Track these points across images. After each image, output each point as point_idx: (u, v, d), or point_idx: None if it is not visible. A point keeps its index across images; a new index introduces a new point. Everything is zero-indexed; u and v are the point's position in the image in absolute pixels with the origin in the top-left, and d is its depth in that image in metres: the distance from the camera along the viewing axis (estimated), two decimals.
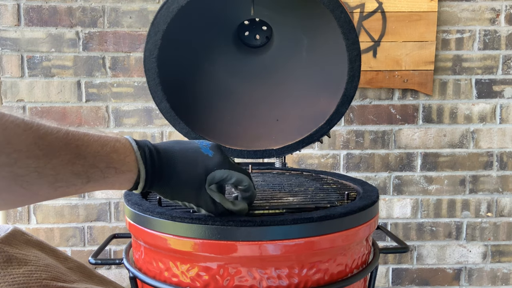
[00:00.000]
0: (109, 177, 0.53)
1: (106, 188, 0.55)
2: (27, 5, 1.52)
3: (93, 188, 0.52)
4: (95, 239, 1.62)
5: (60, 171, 0.46)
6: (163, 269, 0.67)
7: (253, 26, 1.06)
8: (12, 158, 0.41)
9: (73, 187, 0.48)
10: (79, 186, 0.49)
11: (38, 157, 0.43)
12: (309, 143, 0.97)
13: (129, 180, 0.57)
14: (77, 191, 0.50)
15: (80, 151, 0.48)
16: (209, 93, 1.05)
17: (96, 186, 0.52)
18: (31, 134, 0.43)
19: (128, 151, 0.56)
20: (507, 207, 1.67)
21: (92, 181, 0.50)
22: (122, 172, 0.55)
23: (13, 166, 0.41)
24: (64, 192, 0.48)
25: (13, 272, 0.74)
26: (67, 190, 0.48)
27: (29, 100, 1.55)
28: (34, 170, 0.43)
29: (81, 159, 0.48)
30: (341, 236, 0.64)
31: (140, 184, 0.58)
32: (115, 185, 0.55)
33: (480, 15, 1.58)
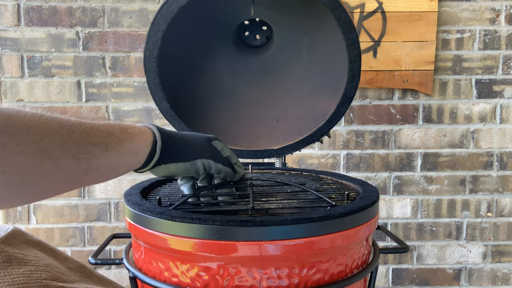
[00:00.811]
0: (125, 142, 0.57)
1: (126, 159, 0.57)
2: (27, 5, 1.52)
3: (113, 159, 0.55)
4: (95, 239, 1.62)
5: (80, 142, 0.50)
6: (163, 269, 0.67)
7: (253, 26, 1.06)
8: (39, 135, 0.46)
9: (94, 158, 0.52)
10: (99, 155, 0.52)
11: (60, 133, 0.48)
12: (309, 143, 0.97)
13: (145, 141, 0.60)
14: (98, 165, 0.53)
15: (95, 125, 0.54)
16: (209, 93, 1.05)
17: (115, 156, 0.55)
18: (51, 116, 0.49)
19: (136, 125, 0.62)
20: (507, 207, 1.67)
21: (110, 149, 0.54)
22: (136, 135, 0.59)
23: (40, 142, 0.46)
24: (88, 164, 0.51)
25: (13, 272, 0.74)
26: (89, 162, 0.51)
27: (29, 100, 1.56)
28: (59, 145, 0.48)
29: (97, 130, 0.53)
30: (341, 236, 0.64)
31: (158, 144, 0.62)
32: (133, 150, 0.58)
33: (480, 15, 1.58)
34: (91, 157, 0.52)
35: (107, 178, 0.58)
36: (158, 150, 0.62)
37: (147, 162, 0.62)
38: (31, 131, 0.45)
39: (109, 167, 0.55)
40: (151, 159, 0.62)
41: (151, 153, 0.62)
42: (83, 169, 0.51)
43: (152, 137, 0.62)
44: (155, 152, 0.62)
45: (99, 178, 0.56)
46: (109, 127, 0.56)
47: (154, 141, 0.62)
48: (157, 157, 0.63)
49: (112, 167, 0.56)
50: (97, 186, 1.60)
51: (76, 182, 0.53)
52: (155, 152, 0.62)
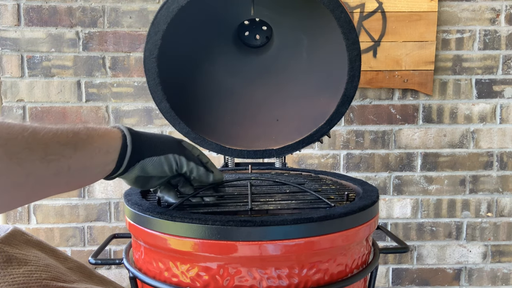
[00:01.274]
0: (94, 139, 0.55)
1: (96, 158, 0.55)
2: (27, 5, 1.52)
3: (83, 159, 0.53)
4: (95, 239, 1.62)
5: (47, 144, 0.49)
6: (163, 269, 0.67)
7: (253, 26, 1.06)
8: (3, 139, 0.45)
9: (63, 159, 0.50)
10: (68, 155, 0.51)
11: (25, 137, 0.47)
12: (309, 143, 0.97)
13: (114, 138, 0.59)
14: (69, 166, 0.51)
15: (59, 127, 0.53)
16: (209, 93, 1.05)
17: (85, 156, 0.54)
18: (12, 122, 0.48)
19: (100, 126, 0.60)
20: (507, 207, 1.67)
21: (79, 149, 0.53)
22: (104, 133, 0.58)
23: (5, 146, 0.45)
24: (58, 166, 0.50)
25: (13, 272, 0.74)
26: (59, 164, 0.50)
27: (29, 100, 1.56)
28: (24, 147, 0.47)
29: (63, 131, 0.52)
30: (341, 236, 0.64)
31: (127, 138, 0.60)
32: (103, 148, 0.57)
33: (480, 15, 1.58)
34: (60, 158, 0.50)
35: (81, 182, 0.56)
36: (129, 143, 0.60)
37: (120, 161, 0.60)
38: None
39: (80, 168, 0.53)
40: (124, 156, 0.60)
41: (123, 148, 0.60)
42: (53, 171, 0.50)
43: (120, 133, 0.61)
44: (127, 147, 0.60)
45: (72, 182, 0.54)
46: (75, 128, 0.54)
47: (123, 135, 0.60)
48: (130, 153, 0.60)
49: (84, 168, 0.54)
50: (97, 186, 1.60)
51: (48, 187, 0.51)
52: (126, 147, 0.60)
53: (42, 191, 0.51)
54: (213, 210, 0.70)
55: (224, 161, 1.15)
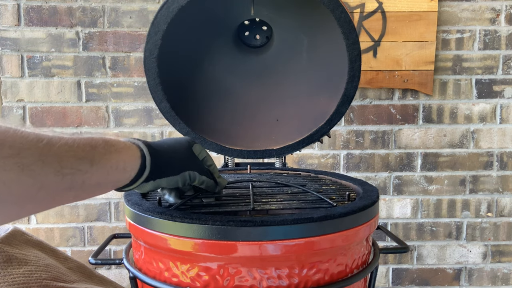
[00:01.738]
0: (112, 155, 0.53)
1: (113, 174, 0.53)
2: (27, 5, 1.52)
3: (99, 175, 0.51)
4: (95, 239, 1.62)
5: (62, 157, 0.47)
6: (163, 269, 0.67)
7: (253, 26, 1.06)
8: (15, 148, 0.42)
9: (79, 173, 0.48)
10: (84, 170, 0.49)
11: (39, 148, 0.45)
12: (309, 143, 0.97)
13: (133, 156, 0.57)
14: (83, 181, 0.49)
15: (76, 139, 0.50)
16: (209, 93, 1.05)
17: (101, 171, 0.51)
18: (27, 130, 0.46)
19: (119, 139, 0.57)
20: (507, 207, 1.67)
21: (95, 164, 0.50)
22: (123, 149, 0.55)
23: (17, 156, 0.42)
24: (71, 182, 0.48)
25: (13, 272, 0.74)
26: (74, 178, 0.48)
27: (29, 100, 1.56)
28: (38, 159, 0.44)
29: (79, 144, 0.49)
30: (341, 236, 0.64)
31: (147, 158, 0.58)
32: (120, 165, 0.54)
33: (480, 15, 1.58)
34: (75, 172, 0.48)
35: (89, 196, 0.53)
36: (148, 165, 0.58)
37: (136, 179, 0.58)
38: (7, 145, 0.42)
39: (94, 184, 0.51)
40: (140, 175, 0.58)
41: (141, 168, 0.58)
42: (67, 185, 0.47)
43: (139, 151, 0.58)
44: (145, 167, 0.58)
45: (81, 196, 0.52)
46: (92, 140, 0.51)
47: (142, 155, 0.58)
48: (148, 173, 0.59)
49: (98, 184, 0.52)
50: None
51: (57, 200, 0.49)
52: (145, 167, 0.58)
53: (52, 204, 0.49)
54: (214, 210, 0.70)
55: (224, 161, 1.15)
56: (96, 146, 0.51)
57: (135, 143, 0.59)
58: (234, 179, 0.90)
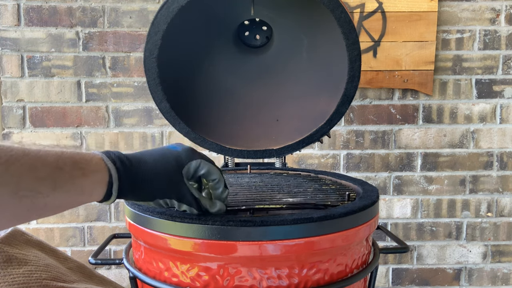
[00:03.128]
0: (77, 179, 0.49)
1: (77, 198, 0.50)
2: (27, 5, 1.52)
3: (62, 199, 0.48)
4: (95, 239, 1.62)
5: (21, 176, 0.43)
6: (163, 269, 0.67)
7: (253, 26, 1.06)
8: None
9: (39, 196, 0.44)
10: (45, 193, 0.45)
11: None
12: (309, 143, 0.97)
13: (100, 182, 0.52)
14: (45, 203, 0.45)
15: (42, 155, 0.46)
16: (209, 93, 1.05)
17: (65, 196, 0.48)
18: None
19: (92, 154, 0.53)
20: (507, 207, 1.67)
21: (59, 187, 0.46)
22: (91, 172, 0.51)
23: None
24: (31, 204, 0.44)
25: (13, 272, 0.74)
26: (34, 200, 0.44)
27: (29, 100, 1.56)
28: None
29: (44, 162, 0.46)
30: (341, 236, 0.64)
31: (114, 186, 0.54)
32: (86, 191, 0.51)
33: (480, 15, 1.58)
34: (35, 195, 0.44)
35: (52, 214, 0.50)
36: (115, 192, 0.54)
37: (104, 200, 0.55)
38: None
39: (57, 206, 0.48)
40: (107, 199, 0.55)
41: (107, 194, 0.54)
42: (26, 208, 0.44)
43: (107, 176, 0.53)
44: (111, 194, 0.54)
45: (45, 215, 0.48)
46: (59, 158, 0.47)
47: (109, 182, 0.53)
48: (114, 199, 0.55)
49: (60, 206, 0.49)
50: None
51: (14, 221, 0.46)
52: (111, 194, 0.54)
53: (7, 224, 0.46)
54: None
55: (224, 161, 1.15)
56: (62, 167, 0.47)
57: (106, 165, 0.54)
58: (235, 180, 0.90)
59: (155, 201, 0.59)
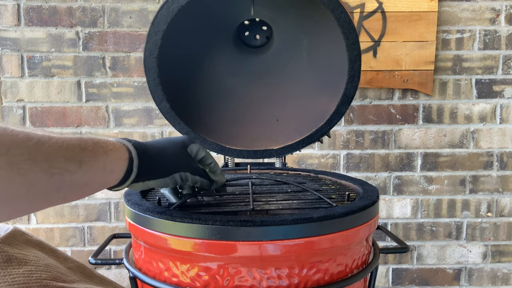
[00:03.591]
0: (100, 156, 0.53)
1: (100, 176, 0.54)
2: (27, 5, 1.52)
3: (87, 176, 0.51)
4: (95, 239, 1.62)
5: (52, 156, 0.47)
6: (163, 269, 0.67)
7: (253, 26, 1.06)
8: (5, 147, 0.43)
9: (67, 174, 0.48)
10: (72, 170, 0.49)
11: (29, 147, 0.45)
12: (309, 143, 0.97)
13: (121, 158, 0.57)
14: (72, 181, 0.49)
15: (66, 139, 0.50)
16: (209, 93, 1.05)
17: (89, 172, 0.52)
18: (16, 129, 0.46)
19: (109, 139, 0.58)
20: (507, 207, 1.67)
21: (84, 164, 0.50)
22: (111, 151, 0.55)
23: (6, 155, 0.43)
24: (60, 181, 0.48)
25: (13, 272, 0.74)
26: (62, 178, 0.48)
27: (29, 100, 1.56)
28: (27, 158, 0.44)
29: (69, 144, 0.50)
30: (341, 236, 0.64)
31: (134, 162, 0.58)
32: (107, 167, 0.55)
33: (480, 15, 1.58)
34: (64, 172, 0.48)
35: (77, 197, 0.53)
36: (135, 168, 0.59)
37: (124, 180, 0.59)
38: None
39: (82, 184, 0.51)
40: (127, 177, 0.58)
41: (128, 171, 0.58)
42: (56, 185, 0.48)
43: (127, 153, 0.58)
44: (132, 170, 0.58)
45: (69, 197, 0.52)
46: (81, 141, 0.52)
47: (130, 158, 0.58)
48: (134, 175, 0.59)
49: (86, 184, 0.52)
50: None
51: (46, 200, 0.49)
52: (131, 170, 0.58)
53: (40, 204, 0.49)
54: (214, 210, 0.70)
55: (224, 161, 1.15)
56: (85, 147, 0.51)
57: (124, 144, 0.59)
58: (235, 177, 0.90)
59: (171, 176, 0.64)
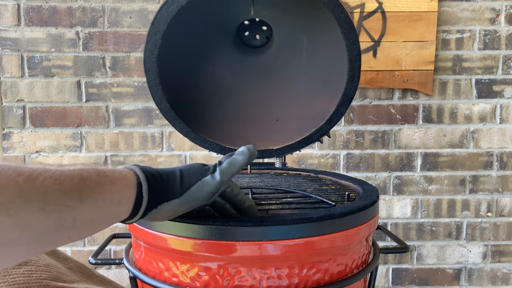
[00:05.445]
0: (104, 187, 0.47)
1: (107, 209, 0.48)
2: (27, 5, 1.52)
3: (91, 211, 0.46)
4: (95, 239, 1.62)
5: (46, 192, 0.42)
6: (163, 269, 0.67)
7: (253, 26, 1.06)
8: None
9: (66, 210, 0.43)
10: (73, 206, 0.43)
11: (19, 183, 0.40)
12: (309, 143, 0.97)
13: (128, 186, 0.50)
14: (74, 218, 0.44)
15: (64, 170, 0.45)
16: (209, 93, 1.05)
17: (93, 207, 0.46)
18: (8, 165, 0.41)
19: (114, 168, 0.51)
20: (507, 207, 1.67)
21: (85, 198, 0.45)
22: (117, 179, 0.49)
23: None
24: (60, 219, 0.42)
25: (13, 272, 0.74)
26: (61, 215, 0.43)
27: (29, 100, 1.56)
28: (17, 196, 0.39)
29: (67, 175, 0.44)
30: (341, 236, 0.64)
31: (143, 187, 0.51)
32: (115, 198, 0.48)
33: (480, 15, 1.58)
34: (62, 208, 0.42)
35: (85, 235, 0.47)
36: (145, 194, 0.52)
37: (135, 211, 0.52)
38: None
39: (87, 220, 0.45)
40: (139, 207, 0.52)
41: (138, 198, 0.51)
42: (55, 224, 0.42)
43: (135, 179, 0.52)
44: (142, 196, 0.52)
45: (75, 235, 0.46)
46: (82, 171, 0.46)
47: (138, 183, 0.52)
48: (146, 202, 0.52)
49: (92, 221, 0.46)
50: None
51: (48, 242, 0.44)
52: (141, 197, 0.52)
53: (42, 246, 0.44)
54: None
55: None
56: (87, 177, 0.46)
57: (131, 169, 0.53)
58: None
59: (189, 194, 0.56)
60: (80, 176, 0.45)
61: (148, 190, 0.52)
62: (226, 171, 0.58)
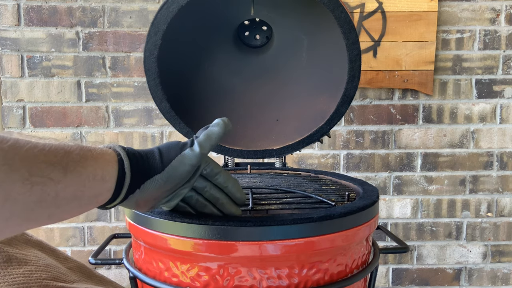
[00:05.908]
0: (88, 161, 0.46)
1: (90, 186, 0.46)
2: (27, 5, 1.52)
3: (75, 185, 0.44)
4: (95, 239, 1.62)
5: (32, 161, 0.40)
6: (163, 269, 0.67)
7: (253, 26, 1.06)
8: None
9: (51, 183, 0.41)
10: (56, 179, 0.41)
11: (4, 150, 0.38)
12: (309, 143, 0.97)
13: (110, 161, 0.49)
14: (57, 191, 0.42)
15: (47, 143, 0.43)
16: (209, 93, 1.05)
17: (77, 181, 0.44)
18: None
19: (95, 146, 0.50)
20: (507, 207, 1.67)
21: (70, 172, 0.43)
22: (99, 154, 0.48)
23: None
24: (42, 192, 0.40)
25: (13, 272, 0.74)
26: (45, 188, 0.41)
27: (29, 100, 1.56)
28: (3, 163, 0.37)
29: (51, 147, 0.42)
30: (341, 236, 0.64)
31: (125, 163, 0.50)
32: (98, 173, 0.47)
33: (480, 15, 1.58)
34: (46, 181, 0.40)
35: (64, 215, 0.45)
36: (128, 170, 0.50)
37: (118, 191, 0.50)
38: None
39: (70, 197, 0.43)
40: (121, 184, 0.50)
41: (120, 175, 0.50)
42: (36, 198, 0.40)
43: (116, 155, 0.50)
44: (124, 173, 0.50)
45: (55, 214, 0.43)
46: (65, 145, 0.44)
47: (120, 159, 0.50)
48: (129, 180, 0.51)
49: (74, 198, 0.44)
50: None
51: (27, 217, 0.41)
52: (124, 173, 0.50)
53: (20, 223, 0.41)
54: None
55: (224, 161, 1.15)
56: (71, 151, 0.44)
57: (111, 147, 0.52)
58: None
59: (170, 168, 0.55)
60: (64, 149, 0.44)
61: (130, 167, 0.51)
62: (205, 143, 0.58)
